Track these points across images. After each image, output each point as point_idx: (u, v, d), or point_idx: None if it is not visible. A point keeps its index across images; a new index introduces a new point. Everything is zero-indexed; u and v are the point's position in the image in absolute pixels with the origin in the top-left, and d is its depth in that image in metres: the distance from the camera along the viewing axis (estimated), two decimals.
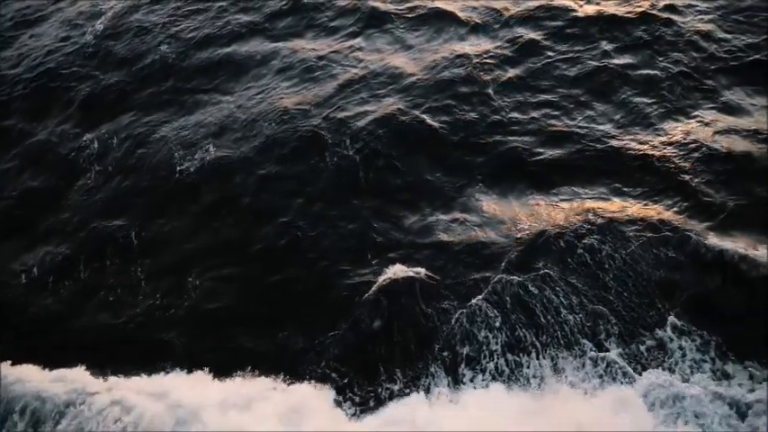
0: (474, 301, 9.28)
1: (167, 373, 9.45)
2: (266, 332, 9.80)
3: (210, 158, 12.90)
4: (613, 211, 10.09)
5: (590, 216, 10.01)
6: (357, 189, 11.33)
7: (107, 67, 16.72)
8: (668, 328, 8.67)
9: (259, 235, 11.19)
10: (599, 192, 10.53)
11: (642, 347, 8.61)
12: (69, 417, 8.80)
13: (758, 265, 8.88)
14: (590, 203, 10.28)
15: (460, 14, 15.11)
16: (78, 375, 9.43)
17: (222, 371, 9.34)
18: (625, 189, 10.51)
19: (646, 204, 10.16)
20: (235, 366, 9.37)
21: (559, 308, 9.05)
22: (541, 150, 11.35)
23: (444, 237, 10.28)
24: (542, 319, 9.01)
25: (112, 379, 9.42)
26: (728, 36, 13.04)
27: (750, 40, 12.94)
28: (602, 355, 8.61)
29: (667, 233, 9.60)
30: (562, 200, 10.53)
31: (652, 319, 8.84)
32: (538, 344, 8.84)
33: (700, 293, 8.98)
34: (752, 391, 7.99)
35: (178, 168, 13.03)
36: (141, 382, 9.28)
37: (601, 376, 8.42)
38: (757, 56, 12.45)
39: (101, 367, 9.65)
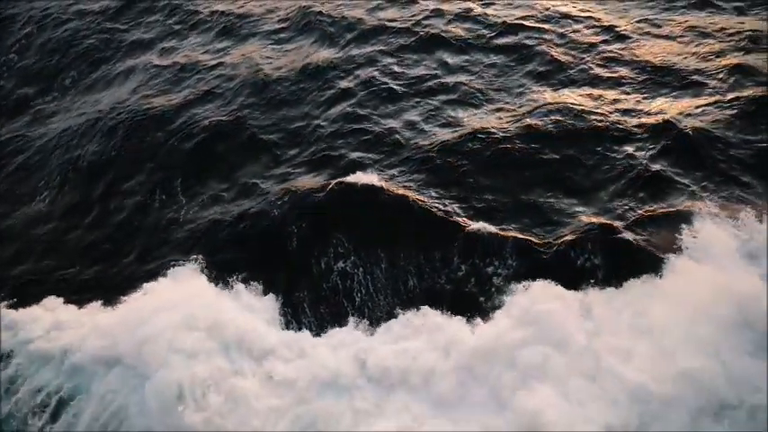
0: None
1: None
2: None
3: (81, 164, 14.20)
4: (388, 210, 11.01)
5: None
6: (175, 190, 12.56)
7: (14, 80, 18.26)
8: None
9: (91, 232, 12.50)
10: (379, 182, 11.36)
11: None
12: None
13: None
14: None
15: (325, 30, 16.25)
16: None
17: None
18: (407, 184, 11.40)
19: (420, 201, 11.09)
20: None
21: None
22: (349, 153, 12.30)
23: (227, 233, 11.35)
24: None
25: None
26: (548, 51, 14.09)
27: (579, 56, 14.00)
28: None
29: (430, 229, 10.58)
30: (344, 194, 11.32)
31: None
32: None
33: None
34: None
35: (51, 172, 14.37)
36: None
37: None
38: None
39: None
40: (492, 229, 10.23)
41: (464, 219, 10.52)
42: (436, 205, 10.75)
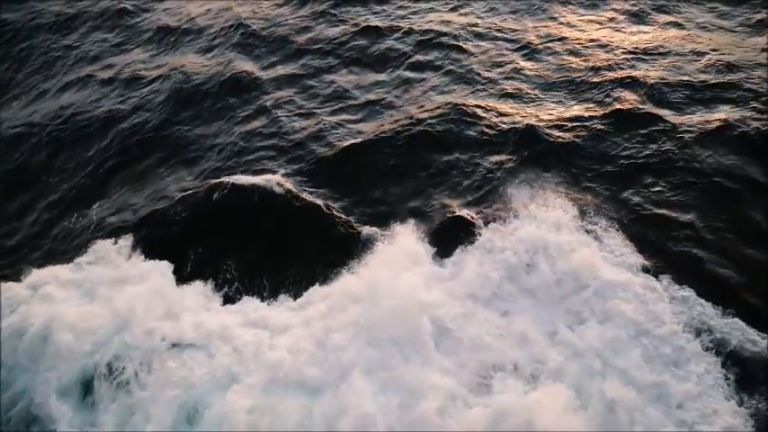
0: None
1: None
2: None
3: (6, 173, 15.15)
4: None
5: None
6: (92, 199, 13.45)
7: None
8: None
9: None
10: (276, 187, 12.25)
11: None
12: None
13: None
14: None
15: (255, 49, 17.18)
16: None
17: None
18: (304, 190, 12.23)
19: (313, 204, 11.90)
20: None
21: None
22: (255, 163, 13.14)
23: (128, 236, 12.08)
24: None
25: None
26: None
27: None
28: None
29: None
30: None
31: None
32: None
33: None
34: None
35: None
36: None
37: None
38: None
39: None
40: (380, 233, 11.06)
41: (355, 223, 11.36)
42: (329, 209, 11.64)
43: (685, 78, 13.19)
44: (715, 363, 8.70)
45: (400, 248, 10.25)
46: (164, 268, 11.16)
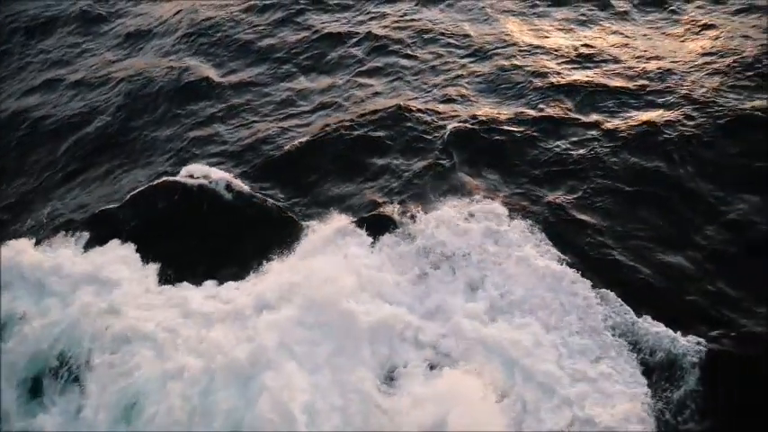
0: None
1: None
2: None
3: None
4: None
5: None
6: (49, 194, 14.06)
7: None
8: None
9: None
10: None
11: None
12: None
13: None
14: None
15: (217, 55, 17.69)
16: None
17: None
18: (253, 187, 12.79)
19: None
20: None
21: None
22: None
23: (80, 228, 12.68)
24: None
25: None
26: None
27: None
28: None
29: None
30: None
31: None
32: None
33: None
34: None
35: None
36: None
37: None
38: None
39: None
40: (316, 225, 11.58)
41: (296, 218, 11.92)
42: (273, 205, 12.23)
43: (622, 84, 13.64)
44: (628, 363, 9.01)
45: (330, 239, 10.88)
46: (113, 262, 11.57)
